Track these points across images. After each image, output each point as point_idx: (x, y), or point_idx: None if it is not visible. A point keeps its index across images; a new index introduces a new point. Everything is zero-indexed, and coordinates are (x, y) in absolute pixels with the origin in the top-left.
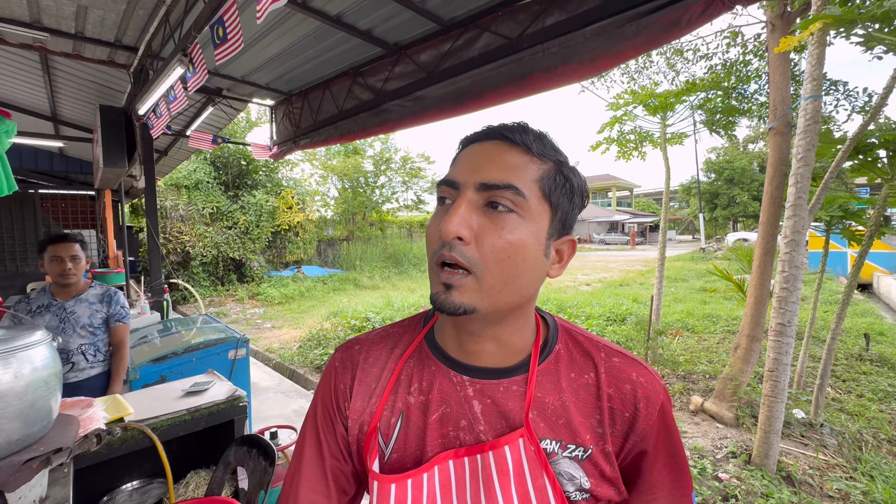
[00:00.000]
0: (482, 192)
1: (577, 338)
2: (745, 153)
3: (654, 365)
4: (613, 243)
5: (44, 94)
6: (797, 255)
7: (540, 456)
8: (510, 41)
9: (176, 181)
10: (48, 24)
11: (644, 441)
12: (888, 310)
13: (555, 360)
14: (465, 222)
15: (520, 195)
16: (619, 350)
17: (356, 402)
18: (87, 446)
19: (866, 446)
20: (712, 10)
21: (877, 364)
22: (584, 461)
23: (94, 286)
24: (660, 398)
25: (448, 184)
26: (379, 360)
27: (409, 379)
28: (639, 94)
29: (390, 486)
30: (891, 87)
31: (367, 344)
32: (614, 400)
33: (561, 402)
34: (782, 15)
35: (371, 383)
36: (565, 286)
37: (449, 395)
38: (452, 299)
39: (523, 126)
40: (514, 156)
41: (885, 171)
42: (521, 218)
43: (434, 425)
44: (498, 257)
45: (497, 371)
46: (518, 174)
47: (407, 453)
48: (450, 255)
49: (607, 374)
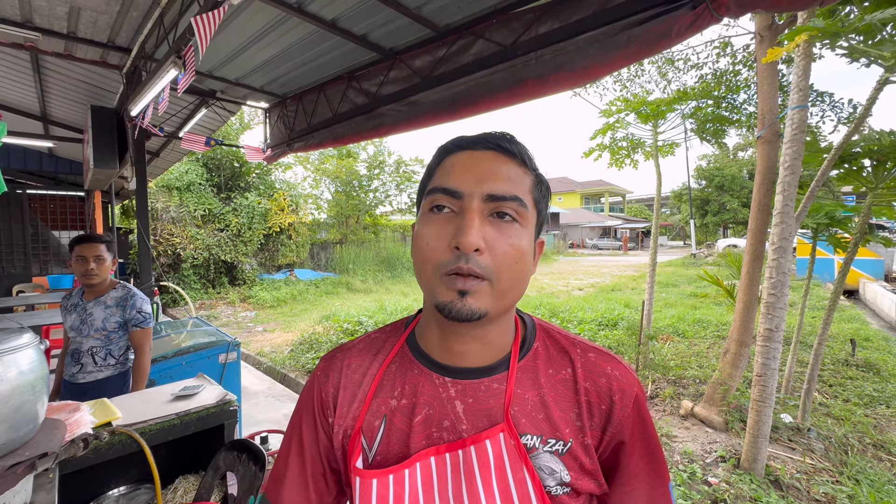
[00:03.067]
0: (489, 203)
1: (553, 335)
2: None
3: (645, 369)
4: (606, 248)
5: (34, 93)
6: (785, 261)
7: (520, 450)
8: (504, 48)
9: (167, 183)
10: (40, 23)
11: (621, 432)
12: (874, 316)
13: (533, 358)
14: (481, 234)
15: (523, 206)
16: (593, 346)
17: (341, 408)
18: (73, 451)
19: (852, 450)
20: (701, 22)
21: (862, 369)
22: (564, 455)
23: (116, 289)
24: (634, 390)
25: (448, 192)
26: (361, 367)
27: (391, 383)
28: (631, 101)
29: (372, 481)
30: (874, 97)
31: (349, 352)
32: (591, 393)
33: (540, 397)
34: (770, 26)
35: (354, 389)
36: (558, 291)
37: (432, 397)
38: (469, 306)
39: (512, 136)
40: (512, 168)
41: (870, 181)
42: (522, 226)
43: (418, 427)
44: (508, 264)
45: (478, 370)
46: (519, 186)
47: (390, 455)
48: (468, 267)
49: (583, 368)
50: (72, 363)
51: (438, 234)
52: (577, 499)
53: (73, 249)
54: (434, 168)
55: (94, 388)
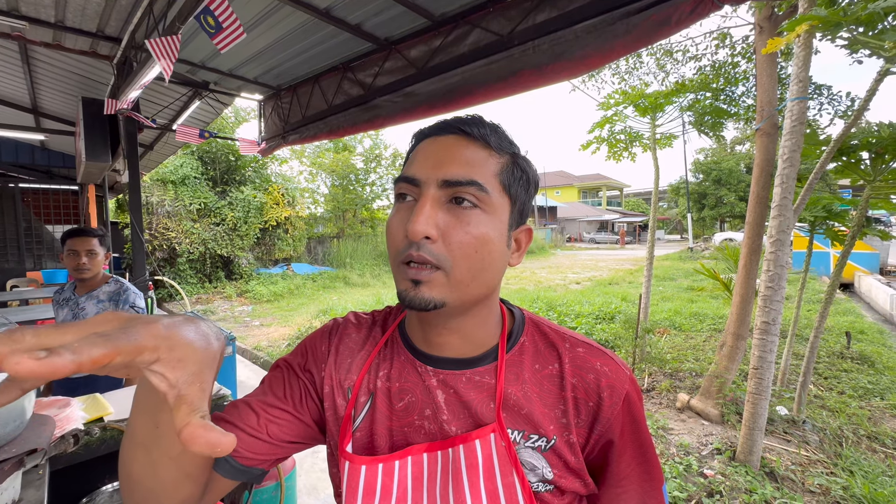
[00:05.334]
0: (445, 189)
1: (543, 329)
2: (733, 154)
3: (642, 363)
4: (603, 242)
5: (24, 85)
6: (782, 254)
7: (510, 452)
8: (501, 38)
9: (162, 176)
10: (26, 12)
11: (610, 431)
12: (868, 309)
13: (519, 352)
14: (431, 221)
15: (483, 191)
16: (584, 340)
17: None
18: (63, 447)
19: (846, 442)
20: (701, 10)
21: (857, 362)
22: (546, 451)
23: (109, 283)
24: (625, 388)
25: (407, 180)
26: (358, 341)
27: (380, 364)
28: (629, 94)
29: (361, 467)
30: (874, 88)
31: (355, 325)
32: (578, 390)
33: (523, 392)
34: (770, 17)
35: (348, 358)
36: (555, 285)
37: (414, 384)
38: (422, 295)
39: (479, 119)
40: (473, 150)
41: (868, 173)
42: (485, 213)
43: (400, 413)
44: (465, 252)
45: (460, 361)
46: (479, 169)
47: (371, 435)
48: (418, 254)
49: (571, 363)
50: None
51: (398, 222)
52: (561, 497)
53: (64, 243)
54: (407, 156)
55: (86, 383)
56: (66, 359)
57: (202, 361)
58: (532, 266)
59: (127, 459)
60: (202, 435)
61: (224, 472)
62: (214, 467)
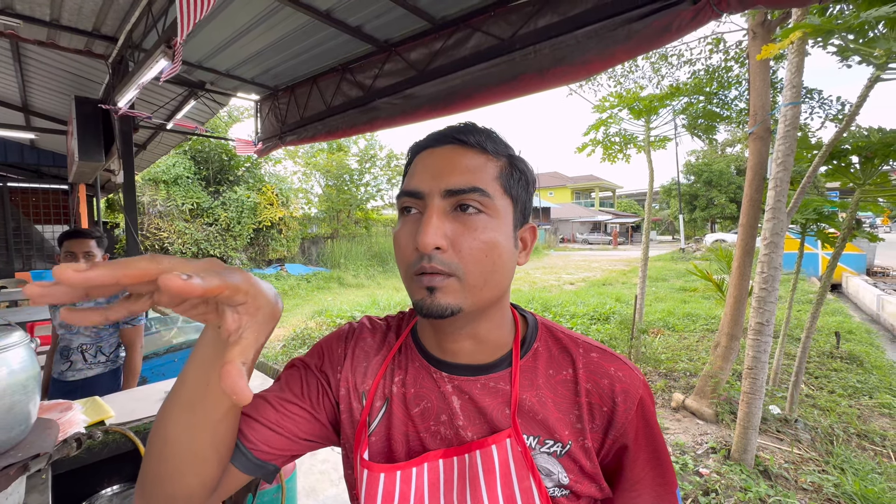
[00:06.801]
0: (449, 198)
1: (556, 335)
2: (724, 156)
3: (637, 363)
4: (596, 243)
5: (14, 83)
6: (776, 256)
7: (527, 457)
8: (502, 42)
9: (154, 176)
10: (21, 10)
11: (624, 436)
12: (856, 309)
13: (533, 358)
14: (440, 231)
15: (486, 196)
16: (598, 346)
17: (346, 371)
18: (66, 451)
19: (837, 440)
20: (702, 17)
21: (846, 361)
22: (562, 457)
23: None
24: (638, 393)
25: (410, 194)
26: (374, 346)
27: (395, 370)
28: (624, 97)
29: (379, 475)
30: (865, 95)
31: (370, 330)
32: (592, 395)
33: (538, 398)
34: (763, 23)
35: (364, 362)
36: (549, 285)
37: (430, 390)
38: (438, 302)
39: (472, 126)
40: (471, 158)
41: (858, 177)
42: (490, 217)
43: (416, 419)
44: (476, 258)
45: (474, 368)
46: (480, 175)
47: (387, 440)
48: (430, 266)
49: (585, 369)
50: (61, 360)
51: (407, 236)
52: (577, 501)
53: (61, 245)
54: (405, 171)
55: (84, 385)
56: (199, 283)
57: (271, 315)
58: (526, 266)
59: (166, 421)
60: (235, 377)
61: (240, 465)
62: (232, 460)
